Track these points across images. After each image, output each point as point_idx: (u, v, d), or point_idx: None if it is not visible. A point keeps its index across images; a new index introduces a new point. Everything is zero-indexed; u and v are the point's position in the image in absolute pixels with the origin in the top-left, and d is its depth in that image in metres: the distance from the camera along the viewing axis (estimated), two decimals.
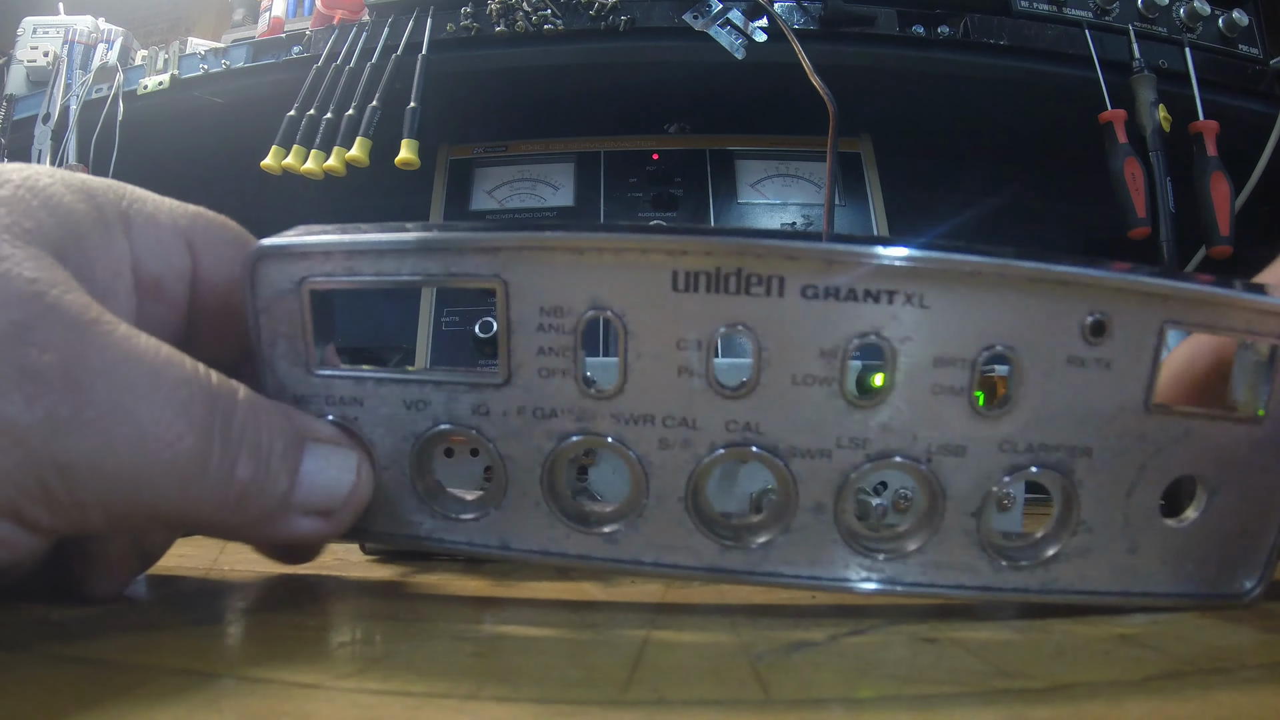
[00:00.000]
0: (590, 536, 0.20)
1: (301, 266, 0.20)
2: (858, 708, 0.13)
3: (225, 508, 0.17)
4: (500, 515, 0.21)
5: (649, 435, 0.19)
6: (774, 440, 0.19)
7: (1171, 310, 0.18)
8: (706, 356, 0.19)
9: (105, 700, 0.13)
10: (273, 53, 0.70)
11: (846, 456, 0.19)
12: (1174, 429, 0.19)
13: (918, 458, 0.19)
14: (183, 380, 0.17)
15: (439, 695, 0.14)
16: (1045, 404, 0.19)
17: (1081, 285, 0.18)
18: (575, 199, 0.69)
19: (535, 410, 0.20)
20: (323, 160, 0.61)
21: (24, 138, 0.72)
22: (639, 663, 0.16)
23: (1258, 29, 0.69)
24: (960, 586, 0.20)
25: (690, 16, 0.63)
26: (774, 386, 0.19)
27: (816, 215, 0.67)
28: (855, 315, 0.18)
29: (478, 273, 0.19)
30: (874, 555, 0.20)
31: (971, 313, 0.18)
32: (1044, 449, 0.19)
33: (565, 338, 0.19)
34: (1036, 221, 0.89)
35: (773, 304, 0.18)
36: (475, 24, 0.65)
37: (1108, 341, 0.18)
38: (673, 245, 0.18)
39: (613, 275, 0.19)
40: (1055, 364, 0.18)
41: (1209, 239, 0.61)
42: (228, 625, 0.19)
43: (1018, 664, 0.15)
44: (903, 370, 0.19)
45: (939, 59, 0.65)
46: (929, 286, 0.18)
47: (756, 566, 0.20)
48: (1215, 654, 0.16)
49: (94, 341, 0.16)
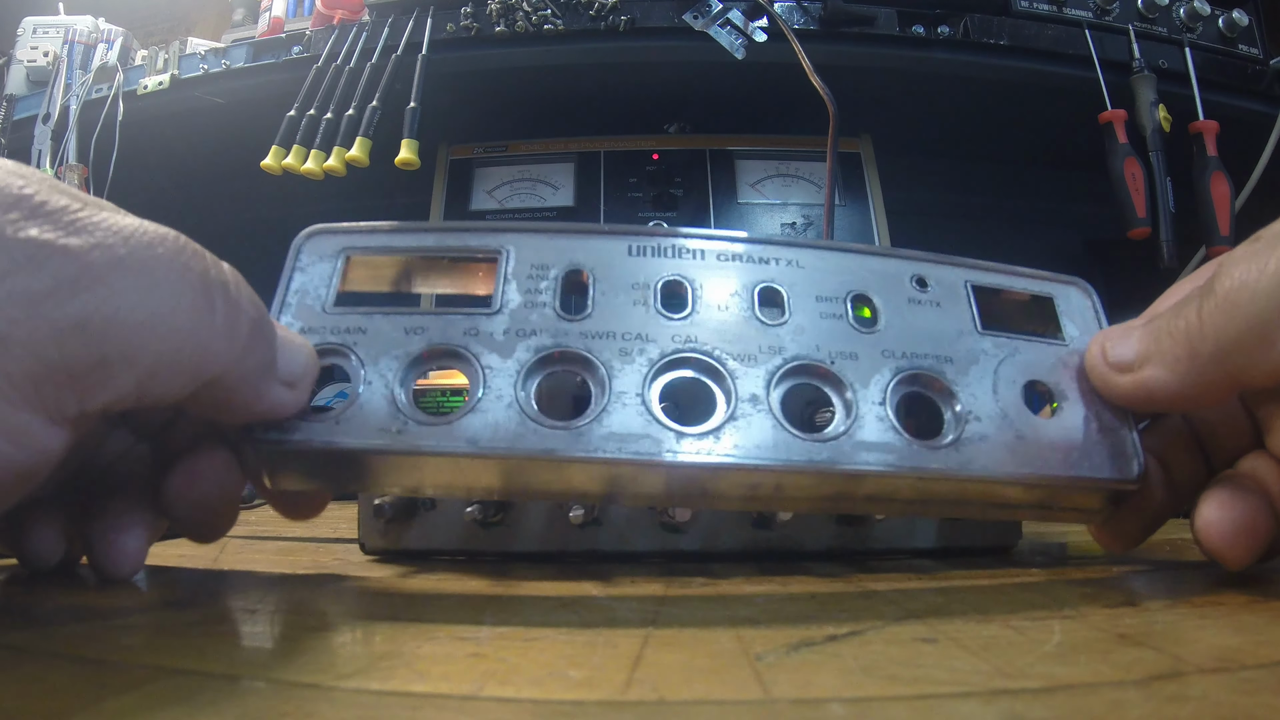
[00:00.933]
0: (557, 432, 0.22)
1: (345, 240, 0.25)
2: (858, 708, 0.13)
3: (236, 347, 0.20)
4: (475, 417, 0.23)
5: (611, 347, 0.24)
6: (710, 348, 0.24)
7: (969, 274, 0.27)
8: (654, 293, 0.25)
9: (105, 700, 0.13)
10: (273, 53, 0.70)
11: (767, 360, 0.24)
12: (1006, 345, 0.26)
13: (822, 360, 0.24)
14: (177, 249, 0.18)
15: (439, 695, 0.14)
16: (906, 328, 0.25)
17: (901, 257, 0.27)
18: (575, 199, 0.69)
19: (519, 331, 0.24)
20: (323, 160, 0.61)
21: (24, 138, 0.72)
22: (639, 663, 0.16)
23: (1258, 29, 0.69)
24: (890, 465, 0.23)
25: (690, 16, 0.63)
26: (705, 313, 0.25)
27: (816, 215, 0.67)
28: (756, 271, 0.26)
29: (486, 245, 0.25)
30: (810, 439, 0.23)
31: (833, 272, 0.26)
32: (916, 355, 0.25)
33: (549, 283, 0.24)
34: (1036, 221, 0.89)
35: (699, 264, 0.25)
36: (475, 24, 0.65)
37: (931, 290, 0.26)
38: (628, 229, 0.25)
39: (585, 245, 0.25)
40: (901, 303, 0.26)
41: (1209, 239, 0.61)
42: (228, 625, 0.19)
43: (1018, 664, 0.15)
44: (795, 302, 0.25)
45: (939, 59, 0.65)
46: (800, 255, 0.26)
47: (710, 450, 0.23)
48: (1215, 654, 0.16)
49: (86, 219, 0.17)
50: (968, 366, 0.25)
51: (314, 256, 0.25)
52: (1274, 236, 0.20)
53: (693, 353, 0.24)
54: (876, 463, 0.23)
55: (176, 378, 0.19)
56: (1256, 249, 0.21)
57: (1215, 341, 0.21)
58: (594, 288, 0.24)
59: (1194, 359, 0.22)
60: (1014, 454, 0.24)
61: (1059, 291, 0.28)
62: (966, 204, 0.88)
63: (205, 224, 0.94)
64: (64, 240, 0.17)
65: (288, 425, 0.22)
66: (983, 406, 0.24)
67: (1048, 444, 0.24)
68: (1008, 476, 0.24)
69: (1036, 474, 0.24)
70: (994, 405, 0.25)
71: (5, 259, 0.16)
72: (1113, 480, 0.24)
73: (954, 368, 0.25)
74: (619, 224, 0.28)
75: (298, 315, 0.24)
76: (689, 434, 0.23)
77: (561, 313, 0.24)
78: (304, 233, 0.25)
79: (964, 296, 0.26)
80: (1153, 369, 0.23)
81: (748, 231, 0.66)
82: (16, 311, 0.16)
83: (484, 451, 0.22)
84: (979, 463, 0.24)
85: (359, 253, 0.25)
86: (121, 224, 0.18)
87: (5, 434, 0.17)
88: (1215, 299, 0.21)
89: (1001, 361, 0.25)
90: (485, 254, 0.25)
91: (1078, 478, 0.24)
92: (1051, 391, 0.25)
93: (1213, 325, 0.21)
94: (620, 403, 0.23)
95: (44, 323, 0.16)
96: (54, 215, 0.17)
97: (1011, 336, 0.26)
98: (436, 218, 0.68)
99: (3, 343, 0.16)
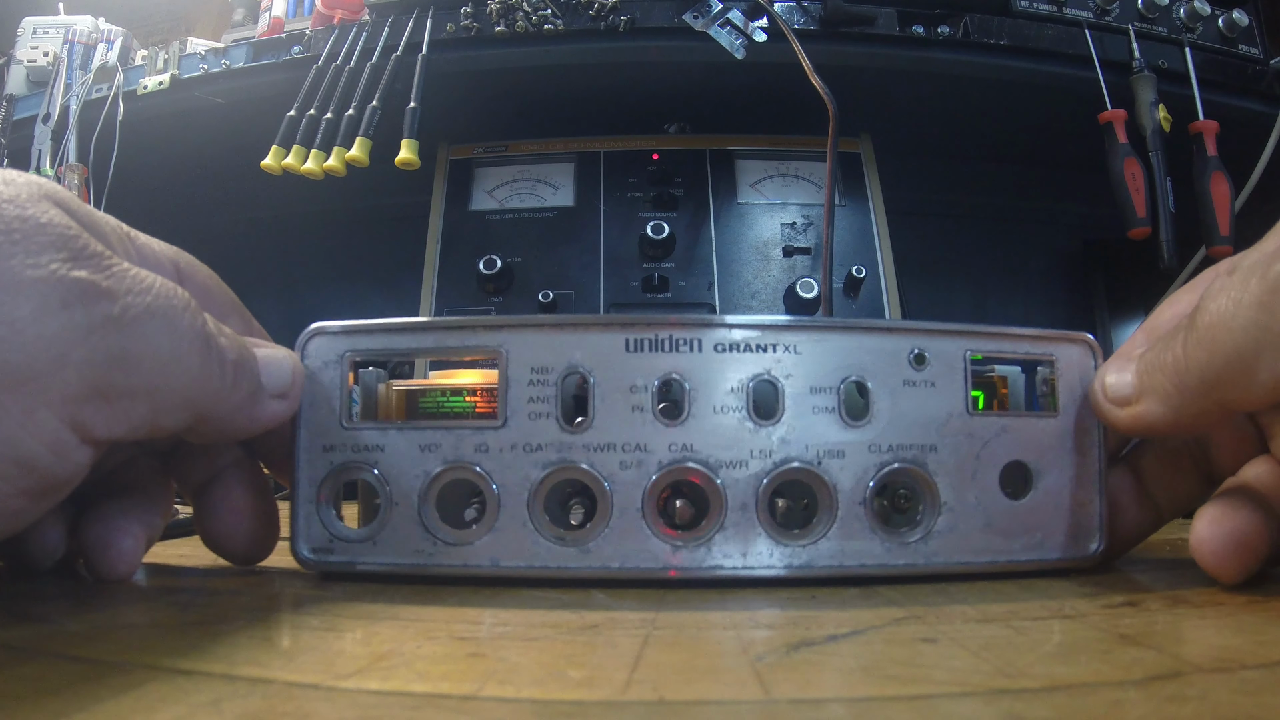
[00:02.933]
0: (568, 549, 0.25)
1: (347, 342, 0.26)
2: (858, 708, 0.13)
3: (225, 386, 0.22)
4: (493, 538, 0.25)
5: (612, 460, 0.25)
6: (705, 455, 0.25)
7: (970, 343, 0.26)
8: (652, 396, 0.25)
9: (105, 700, 0.13)
10: (273, 53, 0.70)
11: (758, 464, 0.25)
12: (994, 425, 0.26)
13: (810, 461, 0.25)
14: (185, 302, 0.21)
15: (439, 695, 0.14)
16: (895, 415, 0.26)
17: (902, 331, 0.26)
18: (575, 199, 0.69)
19: (525, 445, 0.25)
20: (323, 160, 0.61)
21: (24, 138, 0.72)
22: (639, 663, 0.16)
23: (1258, 29, 0.69)
24: (862, 565, 0.25)
25: (690, 16, 0.63)
26: (700, 418, 0.25)
27: (816, 215, 0.67)
28: (751, 362, 0.26)
29: (485, 344, 0.26)
30: (792, 544, 0.25)
31: (831, 355, 0.26)
32: (901, 448, 0.25)
33: (550, 389, 0.25)
34: (1036, 221, 0.89)
35: (695, 359, 0.26)
36: (475, 24, 0.65)
37: (928, 367, 0.26)
38: (625, 320, 0.26)
39: (583, 342, 0.26)
40: (896, 385, 0.26)
41: (1209, 239, 0.61)
42: (227, 625, 0.19)
43: (1018, 664, 0.15)
44: (789, 398, 0.25)
45: (939, 59, 0.65)
46: (799, 339, 0.26)
47: (702, 562, 0.25)
48: (1215, 654, 0.16)
49: (116, 266, 0.20)
50: (951, 453, 0.26)
51: (320, 361, 0.26)
52: (1249, 268, 0.21)
53: (689, 462, 0.25)
54: (851, 563, 0.25)
55: (181, 411, 0.21)
56: (1232, 282, 0.21)
57: (1199, 375, 0.22)
58: (593, 394, 0.25)
59: (1182, 392, 0.23)
60: (979, 543, 0.25)
61: (1061, 353, 0.27)
62: (966, 204, 0.88)
63: (205, 224, 0.94)
64: (106, 283, 0.19)
65: (330, 547, 0.25)
66: (958, 495, 0.25)
67: (1014, 527, 0.26)
68: (968, 566, 0.25)
69: (995, 562, 0.25)
70: (969, 493, 0.25)
71: (64, 291, 0.18)
72: (1071, 560, 0.26)
73: (937, 457, 0.25)
74: (615, 315, 0.29)
75: (317, 433, 0.26)
76: (684, 546, 0.25)
77: (564, 424, 0.25)
78: (306, 333, 0.26)
79: (960, 373, 0.26)
80: (1147, 403, 0.24)
81: (748, 231, 0.66)
82: (76, 338, 0.18)
83: (504, 572, 0.25)
84: (944, 555, 0.25)
85: (360, 355, 0.26)
86: (143, 275, 0.20)
87: (52, 446, 0.19)
88: (1196, 333, 0.22)
89: (986, 444, 0.26)
90: (485, 355, 0.26)
91: (1038, 560, 0.26)
92: (1030, 470, 0.26)
93: (1195, 360, 0.22)
94: (622, 517, 0.25)
95: (95, 352, 0.19)
96: (93, 260, 0.19)
97: (1002, 415, 0.26)
98: (437, 218, 0.68)
99: (62, 364, 0.18)
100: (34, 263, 0.18)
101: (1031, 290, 0.88)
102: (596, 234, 0.67)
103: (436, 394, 0.28)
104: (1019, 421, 0.26)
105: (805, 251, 0.66)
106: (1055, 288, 0.88)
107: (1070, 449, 0.26)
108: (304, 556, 0.25)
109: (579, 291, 0.64)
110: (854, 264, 0.64)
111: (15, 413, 0.18)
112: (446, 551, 0.25)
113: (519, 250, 0.66)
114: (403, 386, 0.28)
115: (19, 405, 0.18)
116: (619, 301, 0.64)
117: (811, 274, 0.64)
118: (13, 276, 0.18)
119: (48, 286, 0.18)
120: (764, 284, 0.65)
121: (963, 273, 0.88)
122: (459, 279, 0.65)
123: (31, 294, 0.18)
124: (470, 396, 0.28)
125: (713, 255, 0.66)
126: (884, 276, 0.66)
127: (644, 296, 0.64)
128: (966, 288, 0.88)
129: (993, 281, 0.88)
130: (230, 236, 0.88)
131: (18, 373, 0.18)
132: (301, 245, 0.89)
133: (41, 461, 0.19)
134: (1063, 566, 0.26)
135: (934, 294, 0.85)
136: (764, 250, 0.66)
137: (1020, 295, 0.88)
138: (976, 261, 0.88)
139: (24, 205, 0.19)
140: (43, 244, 0.18)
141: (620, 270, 0.65)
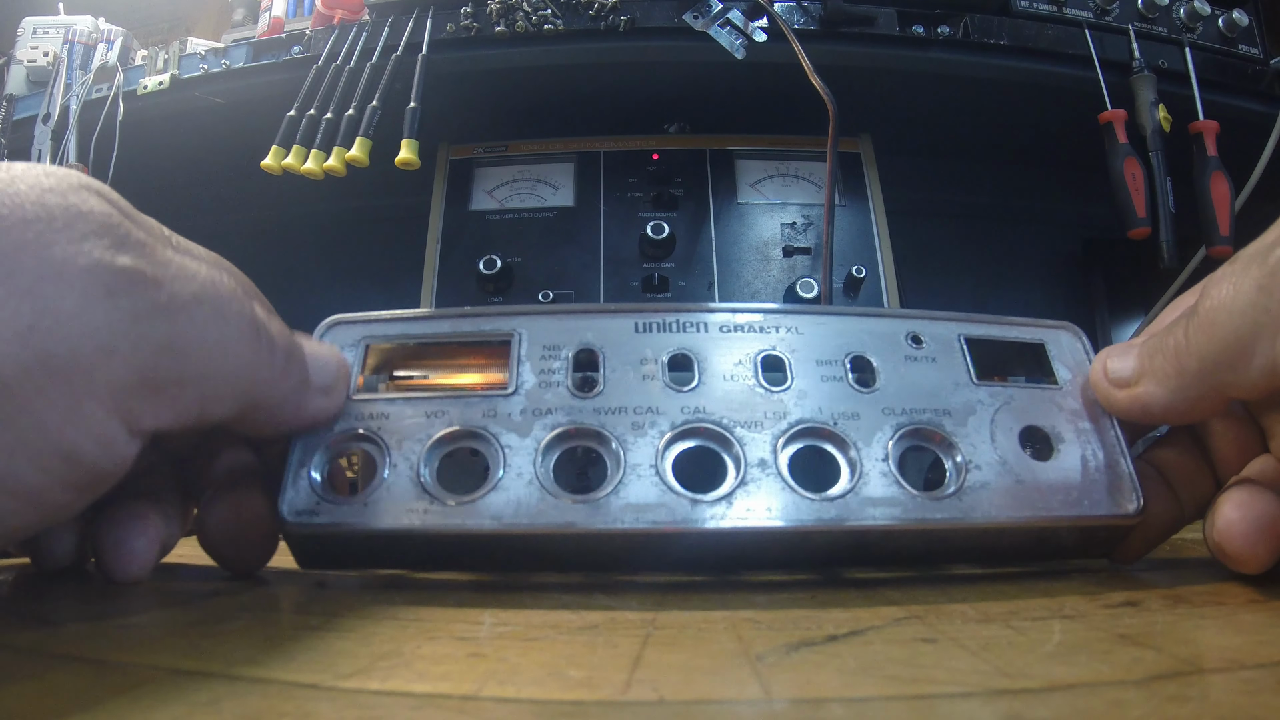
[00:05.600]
0: (577, 505, 0.23)
1: (364, 330, 0.27)
2: (858, 708, 0.13)
3: (275, 374, 0.22)
4: (497, 494, 0.24)
5: (624, 421, 0.25)
6: (718, 417, 0.25)
7: (961, 328, 0.28)
8: (662, 367, 0.26)
9: (105, 700, 0.13)
10: (273, 53, 0.70)
11: (773, 425, 0.25)
12: (1001, 394, 0.27)
13: (825, 422, 0.25)
14: (232, 287, 0.21)
15: (439, 695, 0.14)
16: (904, 385, 0.26)
17: (896, 316, 0.28)
18: (575, 199, 0.69)
19: (535, 410, 0.25)
20: (323, 160, 0.61)
21: (24, 138, 0.72)
22: (639, 663, 0.16)
23: (1258, 29, 0.69)
24: (895, 518, 0.24)
25: (690, 16, 0.63)
26: (711, 383, 0.26)
27: (816, 215, 0.67)
28: (756, 340, 0.27)
29: (499, 330, 0.27)
30: (818, 498, 0.24)
31: (832, 336, 0.27)
32: (915, 410, 0.26)
33: (561, 362, 0.26)
34: (1036, 221, 0.89)
35: (702, 337, 0.27)
36: (475, 24, 0.65)
37: (926, 346, 0.27)
38: (633, 307, 0.27)
39: (594, 325, 0.27)
40: (898, 361, 0.27)
41: (1209, 239, 0.61)
42: (228, 625, 0.19)
43: (1018, 664, 0.15)
44: (796, 368, 0.26)
45: (939, 59, 0.65)
46: (799, 321, 0.27)
47: (724, 515, 0.23)
48: (1215, 654, 0.16)
49: (161, 253, 0.19)
50: (965, 417, 0.26)
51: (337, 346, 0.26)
52: (1250, 257, 0.21)
53: (702, 422, 0.25)
54: (883, 517, 0.24)
55: (231, 400, 0.21)
56: (1234, 269, 0.22)
57: (1199, 358, 0.22)
58: (604, 365, 0.25)
59: (1182, 375, 0.23)
60: (1015, 499, 0.25)
61: (1050, 337, 0.28)
62: (966, 204, 0.88)
63: (205, 224, 0.94)
64: (152, 271, 0.19)
65: (316, 509, 0.24)
66: (982, 455, 0.25)
67: (1047, 486, 0.25)
68: (1010, 521, 0.24)
69: (1038, 516, 0.25)
70: (993, 453, 0.25)
71: (109, 279, 0.18)
72: (1113, 516, 0.25)
73: (952, 419, 0.26)
74: (624, 302, 0.31)
75: None
76: (702, 501, 0.23)
77: (575, 391, 0.25)
78: (325, 323, 0.27)
79: (958, 350, 0.27)
80: (1147, 384, 0.24)
81: (748, 231, 0.66)
82: (123, 327, 0.18)
83: (508, 528, 0.23)
84: (981, 510, 0.24)
85: (379, 341, 0.27)
86: (189, 262, 0.20)
87: (98, 439, 0.18)
88: (1198, 318, 0.22)
89: (998, 410, 0.26)
90: (499, 338, 0.26)
91: (1079, 516, 0.25)
92: (1048, 434, 0.26)
93: (1196, 343, 0.22)
94: (635, 474, 0.24)
95: (143, 341, 0.18)
96: (138, 247, 0.19)
97: (1006, 385, 0.27)
98: (436, 218, 0.68)
99: (109, 354, 0.17)
100: (78, 250, 0.17)
101: (1031, 290, 0.88)
102: (596, 234, 0.67)
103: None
104: (1024, 391, 0.27)
105: (805, 251, 0.66)
106: (1055, 288, 0.88)
107: (1083, 415, 0.26)
108: (285, 519, 0.23)
109: (579, 291, 0.64)
110: (854, 264, 0.64)
111: (61, 405, 0.17)
112: (445, 512, 0.23)
113: (519, 250, 0.66)
114: (405, 383, 0.28)
115: (65, 398, 0.17)
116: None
117: (812, 274, 0.64)
118: (57, 265, 0.17)
119: (93, 275, 0.17)
120: (764, 284, 0.65)
121: (963, 272, 0.88)
122: (459, 279, 0.65)
123: (76, 283, 0.17)
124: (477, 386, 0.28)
125: (713, 255, 0.66)
126: (884, 276, 0.66)
127: (644, 296, 0.64)
128: (966, 287, 0.88)
129: (992, 281, 0.88)
130: (230, 236, 0.88)
131: (64, 364, 0.17)
132: (301, 245, 0.89)
133: (88, 455, 0.18)
134: (1107, 524, 0.25)
135: (934, 294, 0.85)
136: (764, 250, 0.66)
137: (1020, 295, 0.88)
138: (976, 261, 0.88)
139: (65, 194, 0.18)
140: (85, 231, 0.18)
141: (620, 270, 0.65)
